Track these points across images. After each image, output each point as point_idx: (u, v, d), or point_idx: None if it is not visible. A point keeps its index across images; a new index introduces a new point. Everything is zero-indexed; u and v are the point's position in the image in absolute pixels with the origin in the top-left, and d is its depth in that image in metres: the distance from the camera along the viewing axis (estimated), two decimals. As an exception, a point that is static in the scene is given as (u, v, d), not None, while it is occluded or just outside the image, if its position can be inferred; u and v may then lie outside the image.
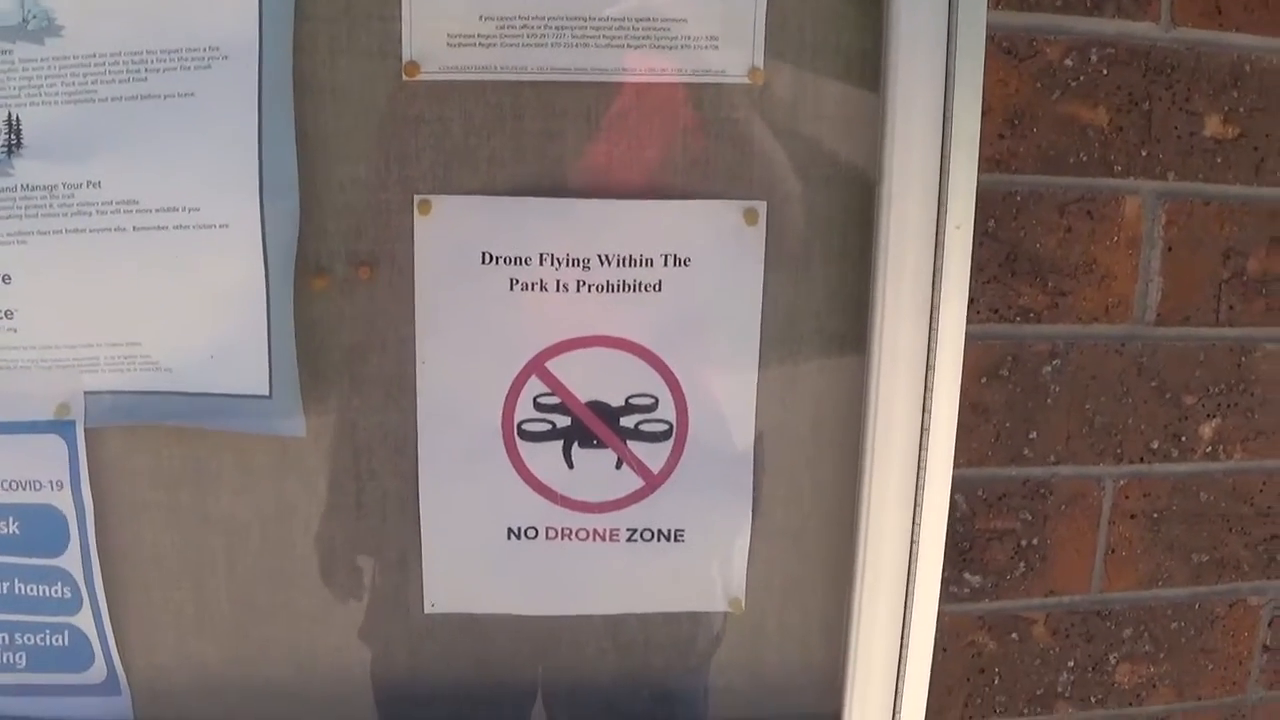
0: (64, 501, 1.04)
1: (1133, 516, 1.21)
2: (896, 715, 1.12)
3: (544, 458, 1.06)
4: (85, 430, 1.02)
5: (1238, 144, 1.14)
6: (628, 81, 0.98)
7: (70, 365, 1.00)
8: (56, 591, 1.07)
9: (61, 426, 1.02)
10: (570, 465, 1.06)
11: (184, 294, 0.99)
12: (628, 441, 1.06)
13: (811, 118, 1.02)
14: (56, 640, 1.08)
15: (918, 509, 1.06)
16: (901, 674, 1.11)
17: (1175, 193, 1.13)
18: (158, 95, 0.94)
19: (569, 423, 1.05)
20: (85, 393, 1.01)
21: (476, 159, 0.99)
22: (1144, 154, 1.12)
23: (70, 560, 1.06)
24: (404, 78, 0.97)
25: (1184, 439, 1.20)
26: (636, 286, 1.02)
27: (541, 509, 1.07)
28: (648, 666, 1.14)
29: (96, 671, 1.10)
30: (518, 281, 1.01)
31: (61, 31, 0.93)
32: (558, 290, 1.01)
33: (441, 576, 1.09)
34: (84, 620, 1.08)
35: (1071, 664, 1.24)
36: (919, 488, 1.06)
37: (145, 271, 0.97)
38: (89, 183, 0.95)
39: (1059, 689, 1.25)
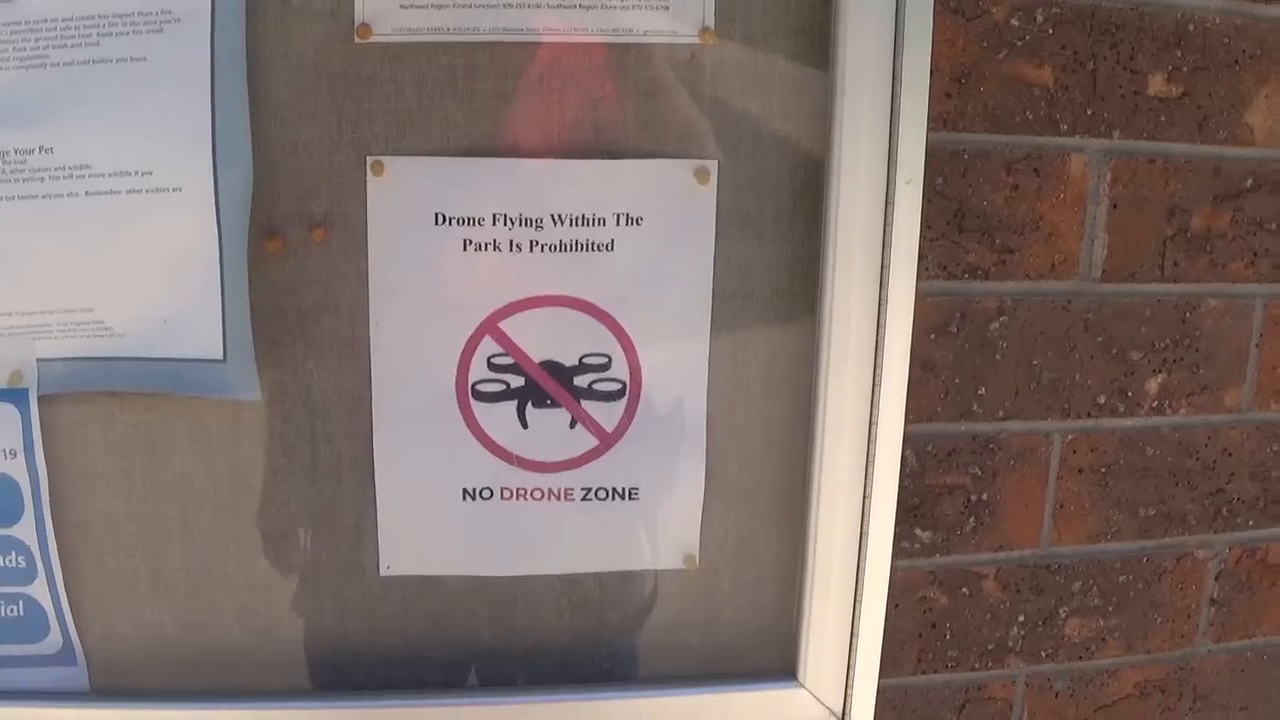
0: (18, 470, 1.08)
1: (1080, 471, 1.28)
2: (851, 671, 1.18)
3: (498, 418, 1.11)
4: (38, 398, 1.06)
5: (1181, 103, 1.21)
6: (580, 42, 1.03)
7: (23, 332, 1.04)
8: (11, 561, 1.10)
9: (14, 395, 1.06)
10: (524, 425, 1.12)
11: (137, 259, 1.03)
12: (581, 401, 1.12)
13: (763, 77, 1.07)
14: (11, 611, 1.12)
15: (870, 465, 1.13)
16: (855, 630, 1.17)
17: (1120, 151, 1.20)
18: (110, 60, 0.98)
19: (523, 383, 1.11)
20: (38, 360, 1.05)
21: (429, 120, 1.04)
22: (1089, 113, 1.19)
23: (25, 530, 1.09)
24: (356, 40, 1.01)
25: (1130, 394, 1.27)
26: (589, 246, 1.08)
27: (496, 469, 1.13)
28: (603, 625, 1.20)
29: (52, 641, 1.13)
30: (471, 242, 1.06)
31: (12, -4, 0.97)
32: (511, 250, 1.07)
33: (397, 539, 1.14)
34: (39, 590, 1.11)
35: (1022, 618, 1.32)
36: (870, 444, 1.12)
37: (98, 236, 1.01)
38: (41, 148, 0.99)
39: (1010, 643, 1.32)
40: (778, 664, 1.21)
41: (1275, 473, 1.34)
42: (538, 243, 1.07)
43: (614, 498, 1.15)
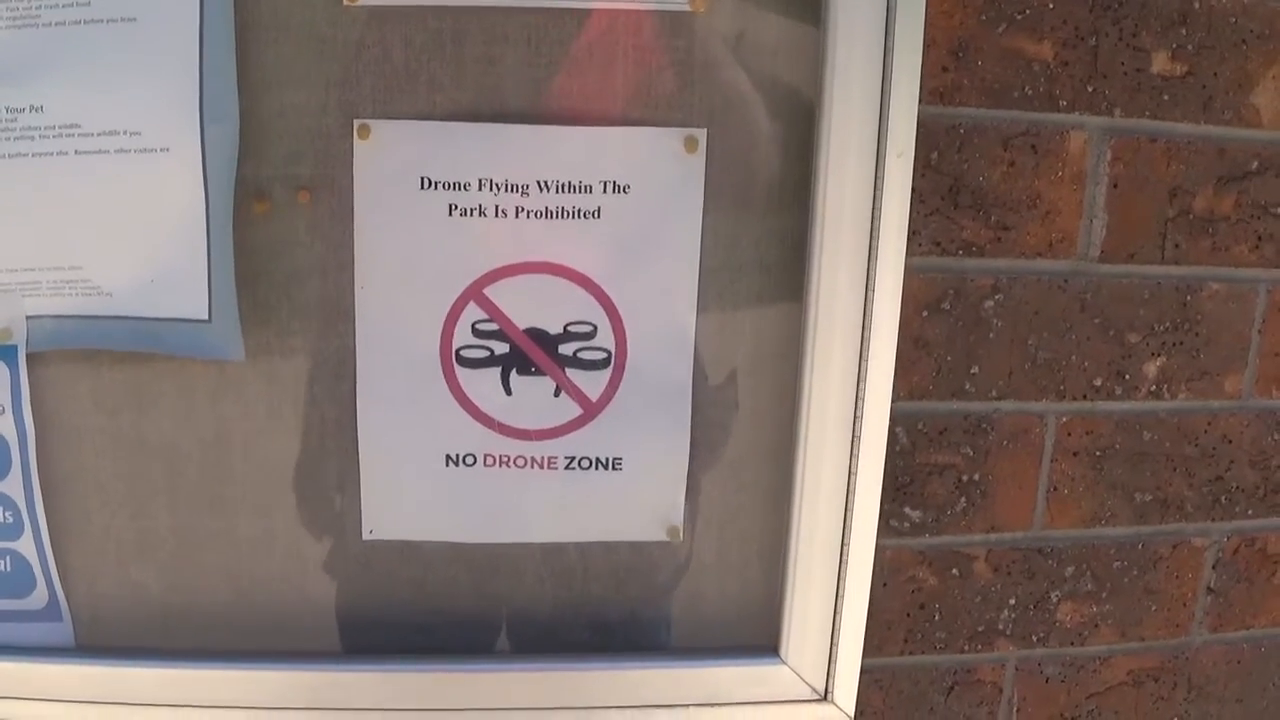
0: (5, 426, 1.10)
1: (1075, 454, 1.28)
2: (834, 648, 1.19)
3: (482, 384, 1.13)
4: (27, 355, 1.08)
5: (1185, 82, 1.20)
6: (569, 7, 1.04)
7: (12, 289, 1.06)
8: (-2, 516, 1.13)
9: (3, 351, 1.08)
10: (509, 392, 1.13)
11: (125, 218, 1.04)
12: (566, 369, 1.13)
13: (753, 46, 1.07)
14: (-2, 565, 1.15)
15: (856, 441, 1.13)
16: (839, 608, 1.18)
17: (1121, 129, 1.20)
18: (100, 19, 0.99)
19: (507, 349, 1.12)
20: (27, 317, 1.07)
21: (416, 84, 1.05)
22: (1090, 90, 1.18)
23: (12, 485, 1.12)
24: (344, 2, 1.02)
25: (1128, 377, 1.26)
26: (575, 213, 1.08)
27: (480, 436, 1.14)
28: (585, 595, 1.21)
29: (38, 597, 1.16)
30: (456, 207, 1.07)
31: (4, -45, 0.99)
32: (496, 216, 1.08)
33: (379, 503, 1.16)
34: (26, 546, 1.14)
35: (1013, 601, 1.32)
36: (857, 419, 1.13)
37: (87, 195, 1.03)
38: (31, 107, 1.01)
39: (1000, 626, 1.32)
40: (760, 640, 1.22)
41: (1276, 461, 1.33)
42: (524, 209, 1.08)
43: (597, 467, 1.16)
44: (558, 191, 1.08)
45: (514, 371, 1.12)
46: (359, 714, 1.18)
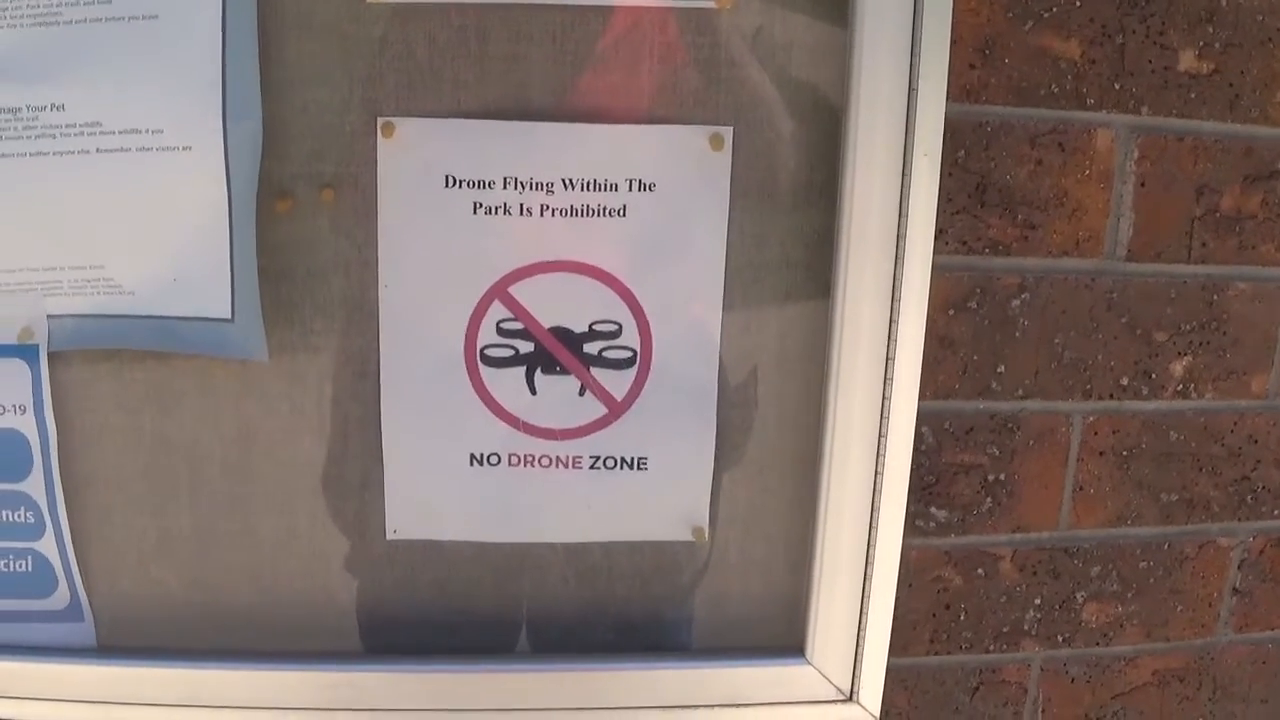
0: (27, 425, 1.10)
1: (1101, 454, 1.26)
2: (860, 648, 1.18)
3: (507, 384, 1.12)
4: (49, 354, 1.07)
5: (1212, 80, 1.19)
6: (593, 4, 1.03)
7: (34, 289, 1.05)
8: (20, 516, 1.12)
9: (25, 350, 1.07)
10: (533, 391, 1.12)
11: (147, 217, 1.04)
12: (591, 368, 1.12)
13: (780, 44, 1.06)
14: (20, 566, 1.14)
15: (882, 440, 1.12)
16: (865, 608, 1.17)
17: (1148, 127, 1.18)
18: (122, 17, 0.99)
19: (532, 349, 1.11)
20: (49, 316, 1.06)
21: (440, 82, 1.04)
22: (1117, 87, 1.17)
23: (33, 485, 1.11)
24: (367, 0, 1.02)
25: (1154, 376, 1.25)
26: (601, 211, 1.07)
27: (504, 435, 1.13)
28: (610, 595, 1.20)
29: (60, 597, 1.15)
30: (481, 205, 1.07)
31: (26, -47, 0.98)
32: (521, 214, 1.07)
33: (403, 503, 1.15)
34: (47, 546, 1.13)
35: (1038, 601, 1.30)
36: (883, 419, 1.12)
37: (109, 194, 1.02)
38: (53, 105, 1.00)
39: (1025, 626, 1.31)
40: (785, 640, 1.21)
41: (1302, 461, 1.32)
42: (548, 207, 1.07)
43: (622, 467, 1.15)
44: (583, 190, 1.07)
45: (539, 370, 1.11)
46: (380, 714, 1.17)
